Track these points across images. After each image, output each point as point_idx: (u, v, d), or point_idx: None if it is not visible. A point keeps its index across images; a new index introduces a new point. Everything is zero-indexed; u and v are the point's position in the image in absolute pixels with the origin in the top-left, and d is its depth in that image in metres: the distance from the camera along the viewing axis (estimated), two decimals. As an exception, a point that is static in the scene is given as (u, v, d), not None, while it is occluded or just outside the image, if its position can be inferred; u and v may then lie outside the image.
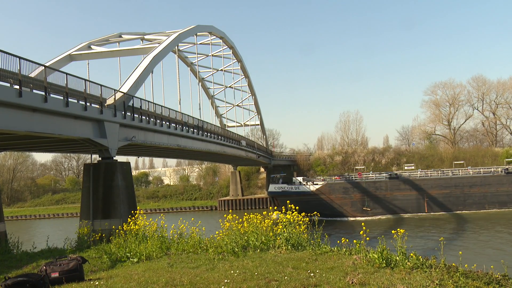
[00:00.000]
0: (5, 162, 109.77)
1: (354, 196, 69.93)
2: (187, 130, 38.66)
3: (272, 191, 74.19)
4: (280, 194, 72.34)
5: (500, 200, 67.80)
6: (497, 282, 7.20)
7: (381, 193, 70.13)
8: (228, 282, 7.60)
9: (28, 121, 19.46)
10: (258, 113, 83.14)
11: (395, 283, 7.03)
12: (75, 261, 8.84)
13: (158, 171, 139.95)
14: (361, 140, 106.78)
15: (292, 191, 70.83)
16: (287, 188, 72.05)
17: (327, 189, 70.99)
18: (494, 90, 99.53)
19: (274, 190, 73.63)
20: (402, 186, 70.27)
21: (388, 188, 70.32)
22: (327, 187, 71.26)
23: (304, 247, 10.83)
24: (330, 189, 70.99)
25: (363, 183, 71.52)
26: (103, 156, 26.23)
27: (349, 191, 70.61)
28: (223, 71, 67.55)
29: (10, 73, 17.73)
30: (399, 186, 70.34)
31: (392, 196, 69.31)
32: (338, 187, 71.62)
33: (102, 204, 24.80)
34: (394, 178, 71.95)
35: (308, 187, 71.59)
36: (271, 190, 74.58)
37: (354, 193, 70.43)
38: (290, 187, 71.93)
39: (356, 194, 69.97)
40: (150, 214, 75.33)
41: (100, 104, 24.91)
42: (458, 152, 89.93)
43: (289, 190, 71.27)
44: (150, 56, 33.75)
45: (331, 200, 69.81)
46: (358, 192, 70.31)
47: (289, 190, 71.33)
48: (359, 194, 69.83)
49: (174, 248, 11.98)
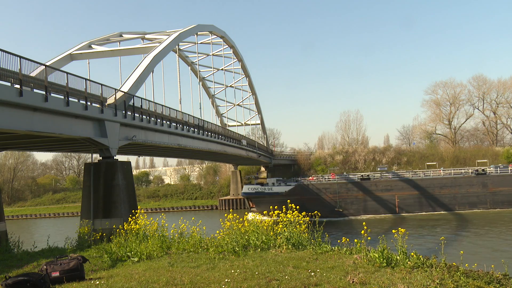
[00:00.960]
0: (6, 161, 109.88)
1: (326, 197, 70.82)
2: (187, 130, 38.67)
3: (246, 192, 75.52)
4: (254, 195, 73.62)
5: (470, 201, 68.68)
6: (497, 282, 7.19)
7: (353, 195, 71.07)
8: (229, 282, 7.60)
9: (29, 120, 19.47)
10: (258, 112, 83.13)
11: (396, 283, 7.03)
12: (75, 261, 8.84)
13: (158, 170, 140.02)
14: (362, 140, 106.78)
15: (265, 192, 72.22)
16: (260, 189, 73.41)
17: (299, 190, 72.04)
18: (495, 89, 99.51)
19: (247, 191, 75.05)
20: (374, 187, 71.34)
21: (360, 190, 71.18)
22: (299, 189, 72.37)
23: (304, 246, 10.83)
24: (302, 191, 71.95)
25: (335, 184, 72.38)
26: (103, 155, 26.24)
27: (321, 193, 71.54)
28: (223, 71, 67.51)
29: (10, 72, 17.75)
30: (370, 188, 71.38)
31: (364, 197, 70.05)
32: (311, 188, 72.66)
33: (102, 204, 24.82)
34: (365, 179, 72.91)
35: (281, 188, 72.83)
36: (245, 191, 75.91)
37: (326, 194, 71.38)
38: (263, 189, 73.26)
39: (328, 195, 70.92)
40: (151, 213, 75.39)
41: (101, 104, 24.92)
42: (458, 151, 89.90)
43: (262, 191, 72.68)
44: (150, 55, 33.74)
45: (303, 201, 70.32)
46: (330, 193, 71.28)
47: (262, 191, 72.70)
48: (331, 195, 70.74)
49: (175, 248, 11.98)
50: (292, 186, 73.03)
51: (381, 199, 69.75)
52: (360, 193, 71.06)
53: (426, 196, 69.12)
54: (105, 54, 38.18)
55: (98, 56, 38.14)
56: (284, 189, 72.42)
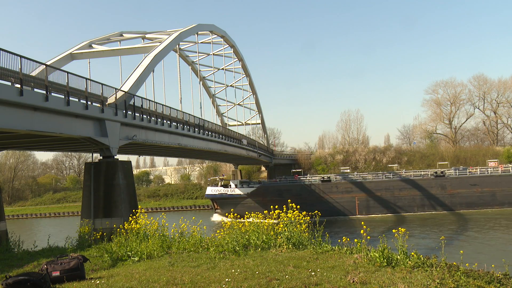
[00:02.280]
0: (6, 161, 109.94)
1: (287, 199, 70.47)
2: (188, 129, 38.67)
3: (209, 194, 76.16)
4: (217, 197, 74.26)
5: (428, 203, 69.19)
6: (498, 281, 7.19)
7: (314, 196, 71.58)
8: (229, 281, 7.60)
9: (29, 120, 19.48)
10: (259, 112, 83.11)
11: (396, 282, 7.03)
12: (76, 260, 8.84)
13: (159, 170, 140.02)
14: (362, 139, 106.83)
15: (227, 194, 73.07)
16: (222, 191, 74.07)
17: (261, 192, 72.71)
18: (495, 89, 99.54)
19: (210, 193, 75.66)
20: (335, 189, 72.01)
21: (321, 191, 71.80)
22: (261, 190, 73.04)
23: (305, 246, 10.84)
24: (265, 192, 72.59)
25: (296, 186, 73.09)
26: (104, 155, 26.25)
27: (283, 194, 71.90)
28: (224, 70, 67.47)
29: (11, 71, 17.76)
30: (331, 189, 72.05)
31: (325, 198, 70.59)
32: (272, 190, 73.28)
33: (103, 203, 24.83)
34: (326, 181, 73.60)
35: (243, 190, 73.44)
36: (208, 193, 76.53)
37: (288, 195, 71.56)
38: (225, 191, 73.94)
39: (290, 197, 70.43)
40: (151, 213, 75.41)
41: (101, 103, 24.92)
42: (459, 151, 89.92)
43: (224, 194, 73.42)
44: (151, 55, 33.75)
45: (264, 203, 71.14)
46: (292, 194, 71.11)
47: (225, 193, 73.42)
48: (292, 197, 70.29)
49: (175, 247, 11.99)
50: (254, 188, 73.95)
51: (341, 201, 70.36)
52: (321, 194, 71.97)
53: (386, 197, 69.58)
54: (106, 53, 38.20)
55: (99, 55, 38.16)
56: (246, 190, 73.33)
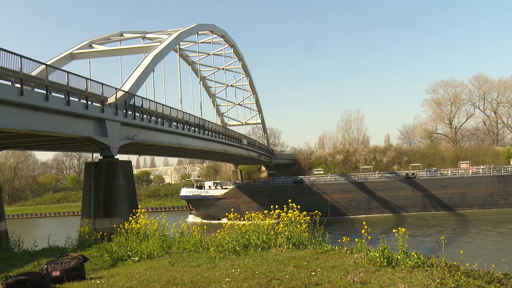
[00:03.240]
0: (7, 160, 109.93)
1: (260, 200, 71.75)
2: (188, 129, 38.66)
3: (183, 195, 76.53)
4: (191, 198, 74.67)
5: (399, 205, 69.67)
6: (498, 281, 7.18)
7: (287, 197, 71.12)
8: (229, 281, 7.60)
9: (29, 119, 19.47)
10: (259, 111, 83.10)
11: (396, 282, 7.02)
12: (76, 260, 8.83)
13: (159, 169, 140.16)
14: (362, 139, 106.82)
15: (201, 196, 73.47)
16: (197, 192, 74.44)
17: (234, 193, 73.29)
18: (496, 89, 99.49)
19: (185, 194, 76.05)
20: (307, 190, 72.50)
21: (293, 193, 72.08)
22: (234, 192, 73.59)
23: (305, 246, 10.83)
24: (238, 193, 73.18)
25: (269, 187, 73.52)
26: (104, 154, 26.25)
27: (256, 195, 72.68)
28: (224, 70, 67.48)
29: (11, 71, 17.75)
30: (304, 191, 72.44)
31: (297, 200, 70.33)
32: (246, 191, 73.82)
33: (103, 203, 24.82)
34: (299, 182, 74.00)
35: (217, 191, 73.94)
36: (182, 195, 76.91)
37: (261, 197, 72.46)
38: (199, 192, 74.31)
39: (263, 199, 71.89)
40: (152, 212, 75.43)
41: (102, 103, 24.92)
42: (459, 151, 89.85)
43: (198, 195, 73.80)
44: (151, 54, 33.74)
45: (238, 204, 71.70)
46: (264, 196, 72.27)
47: (199, 194, 73.81)
48: (265, 199, 71.73)
49: (175, 247, 11.98)
50: (228, 189, 74.35)
51: (314, 202, 70.17)
52: (293, 195, 72.04)
53: (358, 199, 69.89)
54: (106, 53, 38.19)
55: (99, 55, 38.14)
56: (219, 192, 73.81)
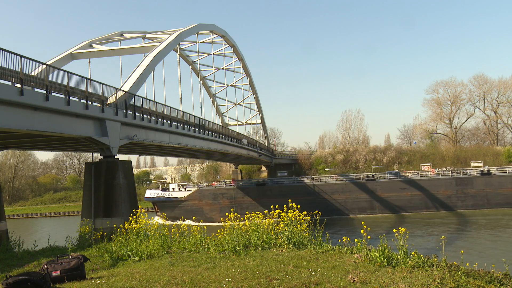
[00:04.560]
0: (7, 160, 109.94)
1: (222, 202, 72.94)
2: (188, 129, 38.65)
3: (148, 197, 77.18)
4: (156, 200, 75.42)
5: (360, 207, 70.26)
6: (498, 281, 7.18)
7: (249, 200, 73.14)
8: (230, 281, 7.59)
9: (29, 119, 19.47)
10: (259, 111, 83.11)
11: (397, 282, 7.02)
12: (76, 260, 8.83)
13: (159, 169, 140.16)
14: (363, 139, 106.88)
15: (165, 198, 74.25)
16: (161, 194, 75.27)
17: (197, 195, 74.02)
18: (496, 88, 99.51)
19: (149, 196, 76.78)
20: (269, 192, 73.41)
21: (254, 195, 73.21)
22: (197, 194, 74.34)
23: (305, 245, 10.82)
24: (200, 196, 73.98)
25: (232, 189, 74.26)
26: (104, 154, 26.24)
27: (218, 198, 73.58)
28: (224, 70, 67.48)
29: (11, 71, 17.74)
30: (265, 193, 73.29)
31: (259, 202, 71.72)
32: (208, 193, 74.65)
33: (103, 203, 24.81)
34: (261, 185, 74.87)
35: (180, 193, 74.71)
36: (147, 196, 77.53)
37: (223, 199, 73.52)
38: (163, 194, 75.10)
39: (225, 201, 73.08)
40: (152, 212, 75.54)
41: (102, 103, 24.91)
42: (459, 151, 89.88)
43: (162, 197, 74.59)
44: (151, 54, 33.73)
45: (200, 206, 72.60)
46: (226, 198, 73.34)
47: (163, 196, 74.60)
48: (228, 201, 72.87)
49: (176, 247, 11.98)
50: (191, 191, 75.04)
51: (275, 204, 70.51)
52: (255, 198, 73.35)
53: (319, 201, 70.27)
54: (106, 53, 38.17)
55: (99, 55, 38.13)
56: (183, 194, 74.54)
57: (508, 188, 68.99)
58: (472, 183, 70.31)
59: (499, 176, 70.63)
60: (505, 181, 69.80)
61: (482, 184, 70.00)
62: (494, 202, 68.66)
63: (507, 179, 69.93)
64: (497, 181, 69.91)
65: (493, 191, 69.39)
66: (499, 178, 70.30)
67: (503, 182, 69.71)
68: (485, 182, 70.00)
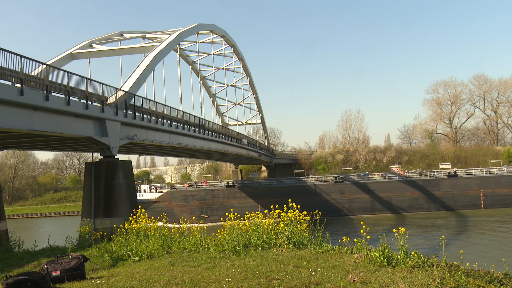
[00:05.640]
0: (7, 160, 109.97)
1: (193, 204, 73.73)
2: (188, 129, 38.65)
3: None
4: None
5: (328, 209, 70.32)
6: (498, 281, 7.17)
7: (219, 201, 74.18)
8: (230, 281, 7.59)
9: (29, 119, 19.47)
10: (259, 111, 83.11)
11: (397, 282, 7.02)
12: (76, 260, 8.82)
13: (159, 169, 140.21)
14: (363, 139, 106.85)
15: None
16: None
17: (168, 197, 74.74)
18: (496, 88, 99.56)
19: None
20: (238, 194, 74.34)
21: (225, 196, 74.10)
22: (167, 195, 75.07)
23: (305, 245, 10.82)
24: (171, 197, 74.67)
25: (202, 191, 74.99)
26: (104, 154, 26.25)
27: (188, 199, 74.27)
28: (224, 70, 67.48)
29: (11, 71, 17.74)
30: (235, 194, 74.23)
31: (229, 203, 72.57)
32: (178, 195, 75.48)
33: (103, 203, 24.83)
34: (230, 186, 75.65)
35: (151, 195, 75.51)
36: None
37: (193, 200, 74.31)
38: None
39: (195, 202, 73.87)
40: (152, 212, 75.79)
41: (102, 103, 24.91)
42: (459, 151, 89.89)
43: None
44: (151, 54, 33.73)
45: (171, 207, 73.06)
46: (197, 200, 74.06)
47: None
48: (198, 202, 73.67)
49: (176, 247, 11.98)
50: (162, 193, 75.70)
51: (245, 206, 71.33)
52: (225, 199, 74.13)
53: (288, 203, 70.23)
54: (106, 53, 38.18)
55: (99, 55, 38.14)
56: (154, 195, 75.23)
57: (474, 190, 70.18)
58: (439, 185, 71.35)
59: (466, 178, 71.80)
60: (471, 183, 70.93)
61: (449, 186, 71.09)
62: (461, 204, 69.84)
63: (473, 181, 71.17)
64: (464, 183, 71.03)
65: (459, 192, 70.47)
66: (465, 180, 71.46)
67: (469, 184, 70.84)
68: (452, 184, 71.10)
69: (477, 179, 71.08)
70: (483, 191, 69.70)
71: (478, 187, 70.12)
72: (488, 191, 69.63)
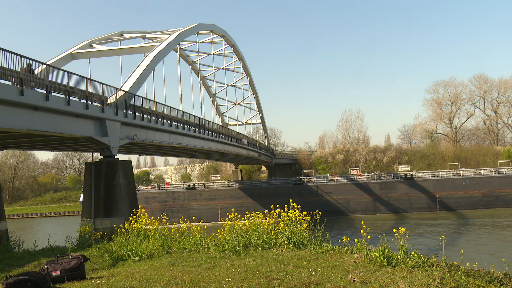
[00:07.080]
0: (7, 160, 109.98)
1: (154, 206, 73.92)
2: (188, 129, 38.66)
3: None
4: None
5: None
6: (498, 281, 7.17)
7: (179, 203, 74.66)
8: (230, 281, 7.59)
9: (30, 119, 19.47)
10: (259, 111, 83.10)
11: (397, 282, 7.02)
12: (76, 260, 8.82)
13: (159, 169, 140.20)
14: (363, 139, 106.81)
15: None
16: None
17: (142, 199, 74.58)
18: (496, 88, 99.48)
19: None
20: (199, 196, 74.79)
21: (185, 198, 74.51)
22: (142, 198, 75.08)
23: (305, 245, 10.81)
24: (145, 199, 74.71)
25: (163, 193, 75.47)
26: (104, 154, 26.25)
27: (149, 201, 74.58)
28: (224, 70, 67.48)
29: (11, 71, 17.74)
30: (195, 197, 74.68)
31: (189, 205, 73.32)
32: (140, 197, 75.41)
33: (103, 203, 24.83)
34: (191, 189, 76.27)
35: None
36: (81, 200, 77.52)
37: (154, 202, 74.68)
38: None
39: (156, 204, 74.28)
40: (152, 212, 75.91)
41: (102, 103, 24.91)
42: (459, 150, 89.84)
43: None
44: (151, 54, 33.73)
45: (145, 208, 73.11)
46: (157, 202, 74.54)
47: None
48: (159, 204, 74.07)
49: (176, 247, 11.98)
50: None
51: (205, 208, 72.62)
52: (186, 201, 74.48)
53: (247, 204, 71.09)
54: (106, 53, 38.19)
55: (99, 55, 38.14)
56: None
57: (430, 192, 71.09)
58: (395, 188, 72.14)
59: (422, 180, 72.57)
60: (427, 185, 71.76)
61: (405, 188, 71.85)
62: (417, 206, 70.71)
63: (429, 183, 71.96)
64: (419, 186, 71.81)
65: (415, 195, 71.32)
66: (421, 182, 72.25)
67: (425, 186, 71.68)
68: (408, 187, 71.90)
69: (433, 181, 72.05)
70: (439, 194, 70.82)
71: (434, 189, 71.20)
72: (443, 193, 70.75)
